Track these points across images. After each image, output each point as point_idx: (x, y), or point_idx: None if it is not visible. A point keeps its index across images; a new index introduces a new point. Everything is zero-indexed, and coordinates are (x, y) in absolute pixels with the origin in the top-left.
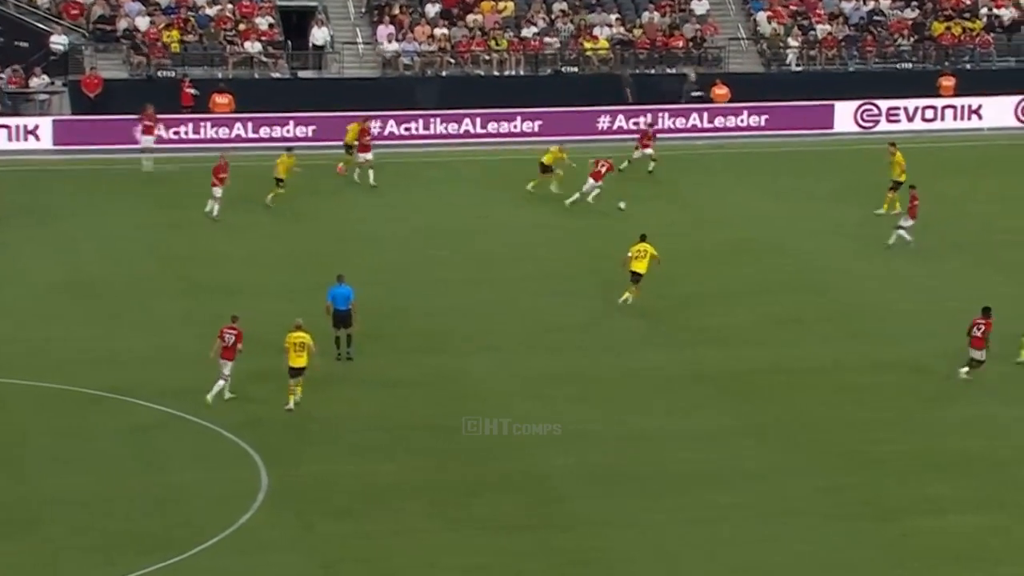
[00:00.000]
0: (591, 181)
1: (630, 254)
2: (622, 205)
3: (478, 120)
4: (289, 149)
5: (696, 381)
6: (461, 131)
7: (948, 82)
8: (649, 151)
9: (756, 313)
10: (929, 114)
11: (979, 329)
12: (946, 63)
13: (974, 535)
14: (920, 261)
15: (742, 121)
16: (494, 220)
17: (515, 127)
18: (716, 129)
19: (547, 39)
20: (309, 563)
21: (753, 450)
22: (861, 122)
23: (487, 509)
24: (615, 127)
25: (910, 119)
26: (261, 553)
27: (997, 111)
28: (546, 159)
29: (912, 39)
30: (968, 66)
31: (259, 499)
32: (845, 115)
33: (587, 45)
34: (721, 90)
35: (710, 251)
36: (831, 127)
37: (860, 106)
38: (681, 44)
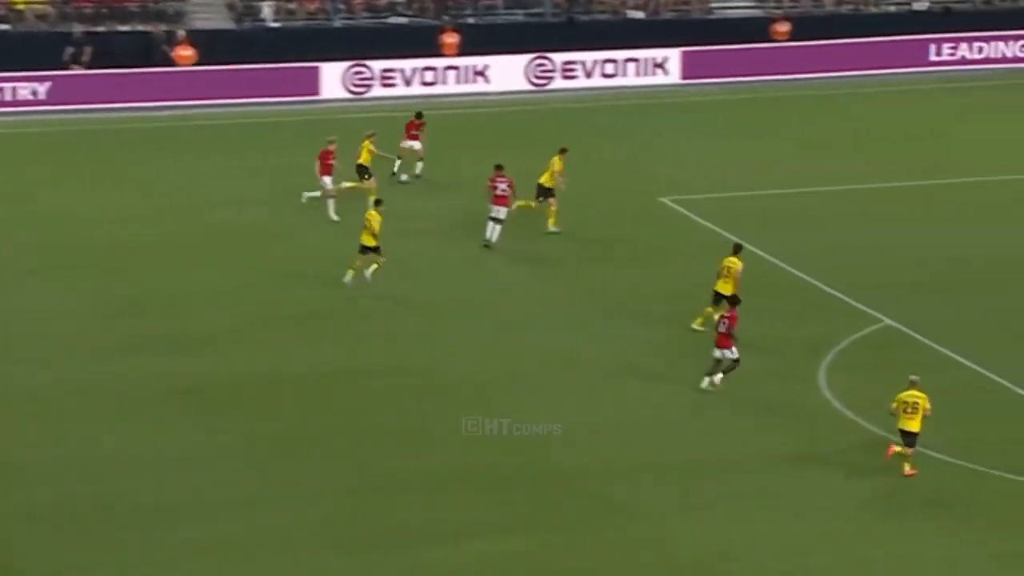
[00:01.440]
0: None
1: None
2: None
3: None
4: None
5: (174, 394)
6: None
7: (451, 39)
8: (417, 146)
9: (244, 313)
10: (429, 76)
11: (723, 324)
12: (446, 17)
13: (496, 562)
14: (440, 246)
15: (211, 88)
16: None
17: None
18: (179, 98)
19: None
20: None
21: (243, 473)
22: (351, 87)
23: None
24: (49, 97)
25: (407, 83)
26: None
27: (505, 72)
28: (362, 159)
29: None
30: (471, 21)
31: None
32: (332, 79)
33: None
34: (186, 51)
35: (181, 241)
36: (316, 93)
37: (349, 68)
38: None
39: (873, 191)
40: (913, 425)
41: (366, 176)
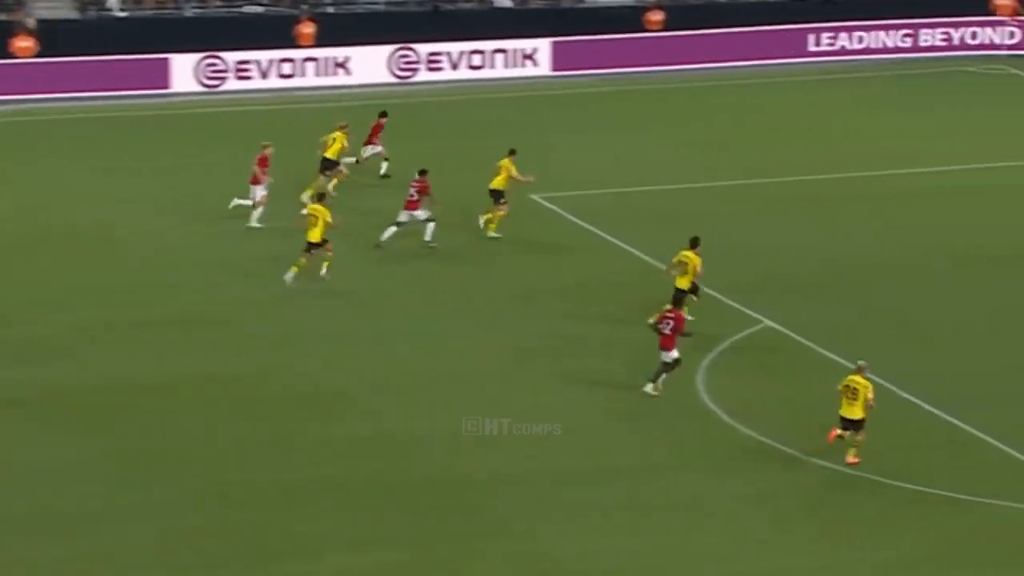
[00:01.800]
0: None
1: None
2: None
3: None
4: None
5: (9, 406)
6: None
7: (307, 29)
8: (378, 149)
9: (85, 318)
10: (287, 68)
11: (667, 325)
12: (304, 6)
13: None
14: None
15: (52, 81)
16: None
17: None
18: (17, 92)
19: None
20: None
21: (87, 488)
22: (204, 79)
23: None
24: None
25: (264, 75)
26: None
27: (367, 64)
28: (330, 152)
29: None
30: (331, 10)
31: None
32: (183, 71)
33: None
34: (25, 42)
35: (19, 244)
36: (167, 86)
37: (202, 60)
38: None
39: (748, 187)
40: (853, 412)
41: (332, 170)
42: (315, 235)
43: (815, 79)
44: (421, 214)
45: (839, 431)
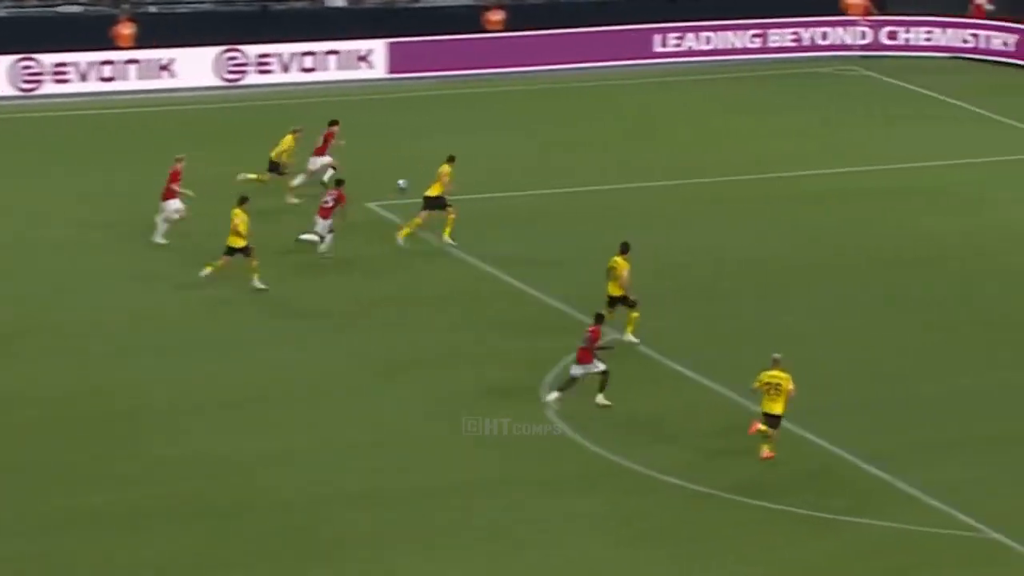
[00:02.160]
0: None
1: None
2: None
3: None
4: None
5: None
6: None
7: (126, 30)
8: (327, 159)
9: None
10: (107, 71)
11: (585, 339)
12: (125, 5)
13: None
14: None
15: None
16: None
17: None
18: None
19: None
20: None
21: None
22: (19, 83)
23: None
24: None
25: (83, 78)
26: None
27: (192, 66)
28: (275, 154)
29: None
30: (153, 9)
31: None
32: None
33: None
34: None
35: None
36: None
37: (16, 62)
38: None
39: (591, 193)
40: (776, 407)
41: (281, 172)
42: (234, 240)
43: (660, 80)
44: (323, 226)
45: (761, 427)
